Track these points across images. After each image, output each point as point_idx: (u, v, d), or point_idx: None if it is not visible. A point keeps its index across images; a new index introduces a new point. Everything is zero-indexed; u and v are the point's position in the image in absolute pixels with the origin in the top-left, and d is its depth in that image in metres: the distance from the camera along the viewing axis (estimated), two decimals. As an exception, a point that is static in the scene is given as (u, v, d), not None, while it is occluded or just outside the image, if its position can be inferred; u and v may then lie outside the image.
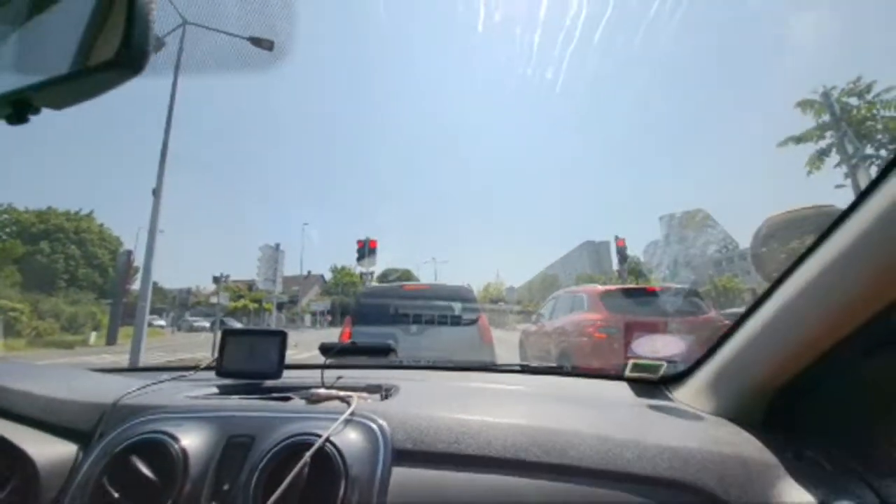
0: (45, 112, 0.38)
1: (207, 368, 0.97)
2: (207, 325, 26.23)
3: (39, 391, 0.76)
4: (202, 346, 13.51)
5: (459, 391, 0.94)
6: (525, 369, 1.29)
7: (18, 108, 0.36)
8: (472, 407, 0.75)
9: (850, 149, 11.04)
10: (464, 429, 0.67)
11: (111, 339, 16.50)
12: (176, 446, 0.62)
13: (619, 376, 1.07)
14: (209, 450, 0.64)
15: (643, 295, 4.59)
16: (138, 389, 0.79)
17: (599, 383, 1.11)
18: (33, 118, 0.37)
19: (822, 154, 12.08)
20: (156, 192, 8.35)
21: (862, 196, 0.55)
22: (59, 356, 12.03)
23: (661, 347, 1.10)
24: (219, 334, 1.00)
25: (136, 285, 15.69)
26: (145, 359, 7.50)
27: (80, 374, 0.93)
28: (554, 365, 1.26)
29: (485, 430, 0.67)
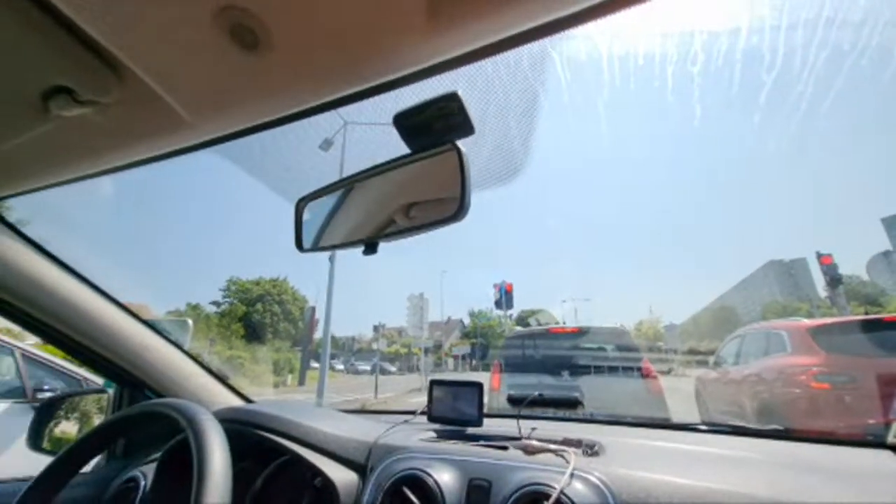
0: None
1: (422, 413, 1.14)
2: (368, 367, 29.83)
3: (321, 427, 0.98)
4: (365, 387, 15.39)
5: (669, 452, 0.88)
6: (735, 430, 1.12)
7: (370, 245, 0.57)
8: (691, 471, 0.71)
9: None
10: (694, 494, 0.64)
11: (301, 381, 20.18)
12: (431, 481, 0.75)
13: (878, 443, 0.87)
14: (457, 488, 0.75)
15: (880, 328, 3.43)
16: (385, 432, 0.98)
17: (846, 451, 0.90)
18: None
19: None
20: (331, 258, 10.31)
21: None
22: (270, 394, 15.29)
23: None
24: (379, 376, 1.17)
25: (317, 334, 19.29)
26: (326, 397, 9.13)
27: (334, 414, 1.20)
28: (776, 427, 1.08)
29: (719, 498, 0.62)
